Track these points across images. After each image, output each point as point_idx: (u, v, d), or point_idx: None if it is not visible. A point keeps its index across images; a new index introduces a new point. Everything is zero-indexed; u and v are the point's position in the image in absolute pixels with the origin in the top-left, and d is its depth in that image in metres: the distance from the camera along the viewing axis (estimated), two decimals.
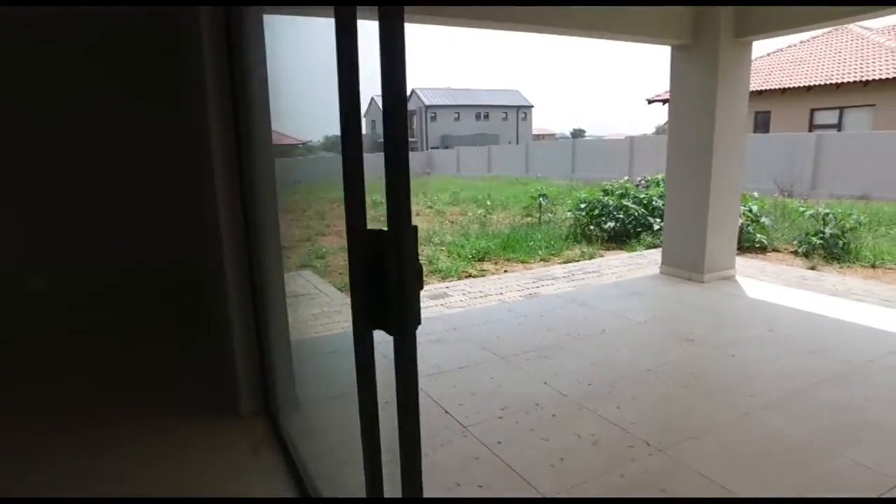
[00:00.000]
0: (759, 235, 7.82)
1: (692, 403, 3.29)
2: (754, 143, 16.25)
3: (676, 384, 3.54)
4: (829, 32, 21.18)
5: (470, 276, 6.85)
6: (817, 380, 3.53)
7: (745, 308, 5.07)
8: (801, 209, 8.32)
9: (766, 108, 20.16)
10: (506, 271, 7.04)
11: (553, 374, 3.73)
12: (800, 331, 4.43)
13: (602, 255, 7.72)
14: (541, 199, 10.16)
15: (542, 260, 7.62)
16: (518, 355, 4.09)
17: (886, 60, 17.52)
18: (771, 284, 5.88)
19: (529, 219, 10.57)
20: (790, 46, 21.87)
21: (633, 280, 6.22)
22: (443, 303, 5.60)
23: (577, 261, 7.44)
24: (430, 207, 14.73)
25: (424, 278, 7.00)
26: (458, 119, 52.54)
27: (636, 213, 8.26)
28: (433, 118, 51.54)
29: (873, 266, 6.78)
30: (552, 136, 73.59)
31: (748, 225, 7.85)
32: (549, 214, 10.33)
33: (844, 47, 19.69)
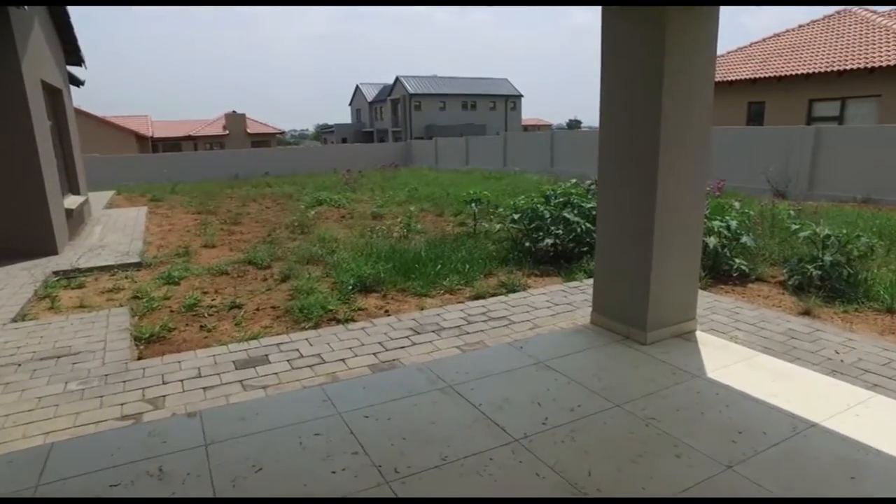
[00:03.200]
0: (737, 261, 5.94)
1: None
2: (745, 138, 14.34)
3: None
4: (831, 16, 19.22)
5: (333, 320, 4.96)
6: None
7: (696, 407, 3.18)
8: (794, 226, 6.41)
9: (761, 98, 18.22)
10: (386, 312, 5.15)
11: None
12: (777, 469, 2.55)
13: (528, 287, 5.82)
14: (473, 204, 8.22)
15: (447, 292, 5.73)
16: None
17: (894, 46, 15.57)
18: (744, 348, 4.00)
19: (464, 227, 8.67)
20: (787, 31, 19.90)
21: (548, 337, 4.33)
22: (246, 378, 3.71)
23: (493, 295, 5.55)
24: (379, 207, 12.80)
25: (271, 322, 5.13)
26: (443, 108, 50.41)
27: (580, 229, 6.35)
28: (417, 107, 49.42)
29: (890, 310, 4.91)
30: (548, 126, 71.53)
31: (723, 247, 5.97)
32: (486, 225, 8.40)
33: (847, 31, 17.73)
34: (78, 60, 11.45)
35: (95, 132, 30.85)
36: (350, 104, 64.42)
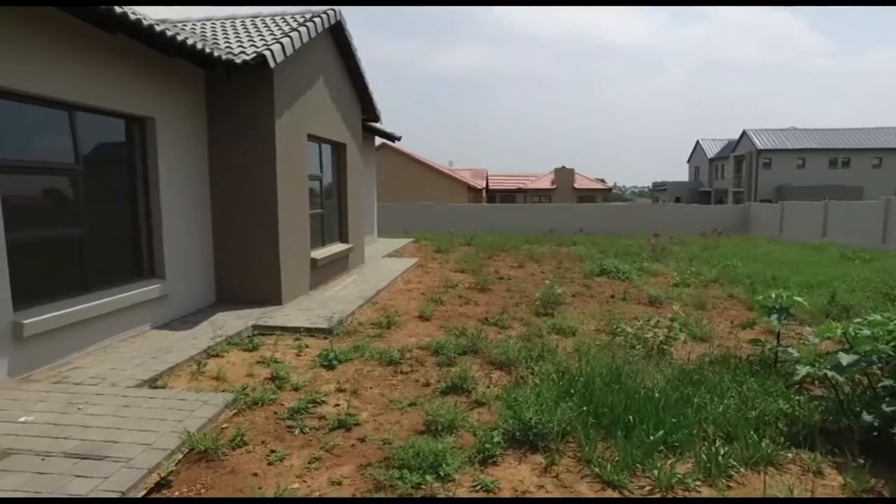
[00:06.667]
0: None
1: None
2: None
3: None
4: None
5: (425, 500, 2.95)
6: None
7: None
8: None
9: None
10: None
11: None
12: None
13: None
14: (775, 316, 4.96)
15: (661, 489, 3.07)
16: None
17: None
18: None
19: (759, 347, 5.41)
20: None
21: None
22: None
23: None
24: (673, 287, 10.05)
25: (349, 474, 3.25)
26: (801, 166, 41.68)
27: None
28: (766, 164, 42.03)
29: None
30: None
31: None
32: (794, 351, 4.94)
33: None
34: (374, 117, 12.08)
35: (434, 182, 34.93)
36: (688, 161, 59.39)
